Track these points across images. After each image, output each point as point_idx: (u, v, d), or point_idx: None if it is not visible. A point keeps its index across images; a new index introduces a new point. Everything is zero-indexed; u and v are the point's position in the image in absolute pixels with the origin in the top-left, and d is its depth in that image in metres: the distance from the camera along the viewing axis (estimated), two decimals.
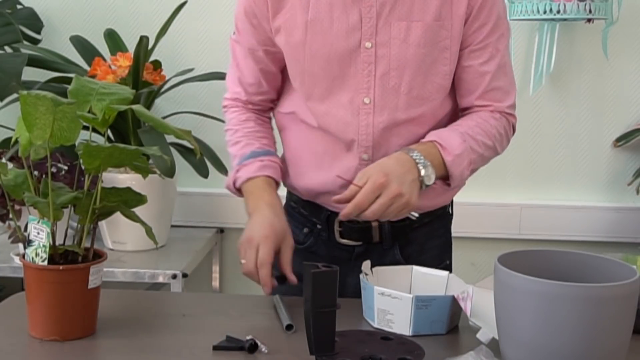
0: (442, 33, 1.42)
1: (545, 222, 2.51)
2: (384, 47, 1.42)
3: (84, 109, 1.22)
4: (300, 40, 1.45)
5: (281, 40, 1.47)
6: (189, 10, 2.39)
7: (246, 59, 1.55)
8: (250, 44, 1.52)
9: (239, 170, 1.52)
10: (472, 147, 1.42)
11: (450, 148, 1.39)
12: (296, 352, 1.20)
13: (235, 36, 1.56)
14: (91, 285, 1.24)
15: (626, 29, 2.44)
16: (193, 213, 2.55)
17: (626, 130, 2.49)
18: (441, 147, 1.40)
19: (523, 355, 1.07)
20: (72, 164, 2.01)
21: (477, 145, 1.43)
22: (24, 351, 1.22)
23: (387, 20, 1.41)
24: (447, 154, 1.39)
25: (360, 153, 1.47)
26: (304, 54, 1.45)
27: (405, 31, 1.41)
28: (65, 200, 1.23)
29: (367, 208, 1.31)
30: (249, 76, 1.56)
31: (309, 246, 1.60)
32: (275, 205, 1.47)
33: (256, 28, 1.50)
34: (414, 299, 1.27)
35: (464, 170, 1.41)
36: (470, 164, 1.42)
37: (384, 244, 1.56)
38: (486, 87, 1.47)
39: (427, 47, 1.42)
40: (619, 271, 1.11)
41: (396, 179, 1.32)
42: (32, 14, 2.49)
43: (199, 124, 2.48)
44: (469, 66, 1.46)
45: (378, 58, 1.42)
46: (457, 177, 1.41)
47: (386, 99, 1.44)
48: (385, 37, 1.42)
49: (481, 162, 1.47)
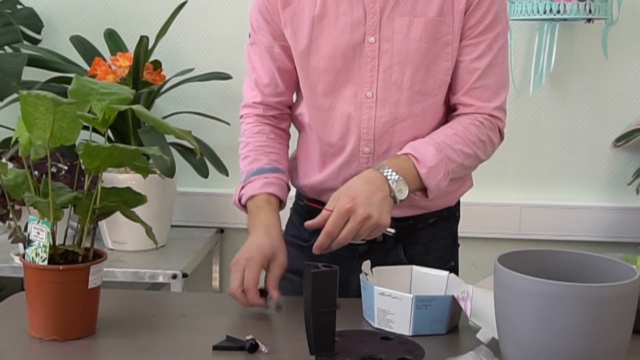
0: (443, 29, 1.43)
1: (545, 222, 2.51)
2: (387, 42, 1.44)
3: (84, 109, 1.22)
4: (306, 35, 1.47)
5: (288, 33, 1.49)
6: (189, 10, 2.39)
7: (262, 60, 1.55)
8: (266, 41, 1.53)
9: (243, 187, 1.52)
10: (450, 157, 1.41)
11: (424, 160, 1.38)
12: (296, 352, 1.20)
13: (251, 39, 1.57)
14: (91, 285, 1.24)
15: (626, 29, 2.44)
16: (193, 213, 2.55)
17: (626, 130, 2.49)
18: (415, 159, 1.38)
19: (523, 355, 1.07)
20: (72, 164, 2.01)
21: (456, 154, 1.42)
22: (24, 351, 1.22)
23: (390, 16, 1.43)
24: (422, 166, 1.38)
25: (362, 146, 1.48)
26: (310, 48, 1.47)
27: (407, 26, 1.43)
28: (65, 200, 1.23)
29: (337, 235, 1.32)
30: (265, 77, 1.56)
31: (313, 243, 1.59)
32: (270, 225, 1.46)
33: (270, 24, 1.51)
34: (414, 299, 1.27)
35: (441, 181, 1.40)
36: (447, 174, 1.41)
37: (388, 244, 1.56)
38: (473, 83, 1.46)
39: (428, 42, 1.43)
40: (619, 271, 1.11)
41: (363, 200, 1.31)
42: (32, 14, 2.49)
43: (199, 124, 2.48)
44: (460, 61, 1.47)
45: (381, 53, 1.44)
46: (433, 189, 1.40)
47: (388, 93, 1.45)
48: (389, 32, 1.43)
49: (462, 170, 1.46)
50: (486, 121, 1.47)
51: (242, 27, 2.48)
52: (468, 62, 1.46)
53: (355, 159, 1.50)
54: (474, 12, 1.44)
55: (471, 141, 1.45)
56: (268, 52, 1.54)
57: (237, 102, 1.65)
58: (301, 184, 1.62)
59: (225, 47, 2.53)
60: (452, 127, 1.46)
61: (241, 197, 1.52)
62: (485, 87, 1.47)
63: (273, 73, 1.55)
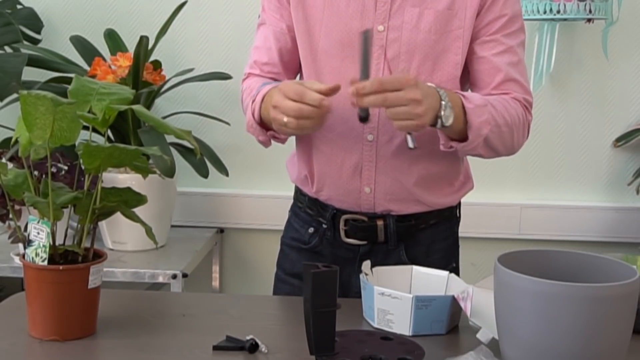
0: (454, 22, 1.45)
1: (545, 222, 2.51)
2: (396, 31, 1.45)
3: (84, 109, 1.22)
4: (318, 18, 1.48)
5: (299, 16, 1.49)
6: (189, 10, 2.39)
7: (266, 40, 1.55)
8: (274, 21, 1.53)
9: (254, 100, 1.46)
10: (492, 113, 1.41)
11: (471, 99, 1.40)
12: (296, 352, 1.20)
13: (260, 19, 1.57)
14: (91, 285, 1.24)
15: (626, 29, 2.44)
16: (193, 213, 2.55)
17: (626, 130, 2.49)
18: (463, 97, 1.40)
19: (523, 355, 1.07)
20: (72, 164, 2.01)
21: (497, 114, 1.42)
22: (24, 351, 1.22)
23: (401, 6, 1.45)
24: (469, 102, 1.38)
25: (365, 134, 1.48)
26: (319, 31, 1.48)
27: (417, 17, 1.44)
28: (65, 200, 1.23)
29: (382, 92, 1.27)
30: (264, 55, 1.55)
31: (314, 246, 1.60)
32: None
33: (281, 4, 1.52)
34: (414, 299, 1.27)
35: (483, 125, 1.38)
36: (488, 123, 1.39)
37: (389, 244, 1.56)
38: (504, 77, 1.47)
39: (437, 34, 1.44)
40: (619, 271, 1.11)
41: (424, 90, 1.30)
42: (32, 14, 2.49)
43: (199, 124, 2.48)
44: (483, 57, 1.48)
45: (389, 41, 1.45)
46: (475, 129, 1.38)
47: None
48: (398, 22, 1.45)
49: (498, 136, 1.43)
50: (522, 106, 1.49)
51: (242, 27, 2.50)
52: (491, 57, 1.47)
53: (358, 147, 1.49)
54: (490, 9, 1.45)
55: (511, 112, 1.45)
56: (273, 31, 1.54)
57: (237, 102, 1.65)
58: (302, 177, 1.59)
59: (225, 47, 2.53)
60: (494, 96, 1.46)
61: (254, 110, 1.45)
62: (515, 80, 1.48)
63: (273, 53, 1.55)
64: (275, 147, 1.57)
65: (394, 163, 1.49)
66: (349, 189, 1.52)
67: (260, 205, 2.53)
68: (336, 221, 1.56)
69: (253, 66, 1.58)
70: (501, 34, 1.47)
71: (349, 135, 1.49)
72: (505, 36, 1.47)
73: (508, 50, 1.47)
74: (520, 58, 1.50)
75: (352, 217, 1.54)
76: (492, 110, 1.41)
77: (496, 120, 1.41)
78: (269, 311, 1.41)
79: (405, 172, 1.50)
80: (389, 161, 1.49)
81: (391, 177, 1.50)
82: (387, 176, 1.50)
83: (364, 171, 1.50)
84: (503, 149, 1.47)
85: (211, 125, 2.46)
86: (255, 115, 1.46)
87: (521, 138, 1.51)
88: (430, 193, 1.54)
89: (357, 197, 1.52)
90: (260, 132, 1.48)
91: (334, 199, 1.55)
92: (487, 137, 1.41)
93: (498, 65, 1.47)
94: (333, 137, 1.51)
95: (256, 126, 1.47)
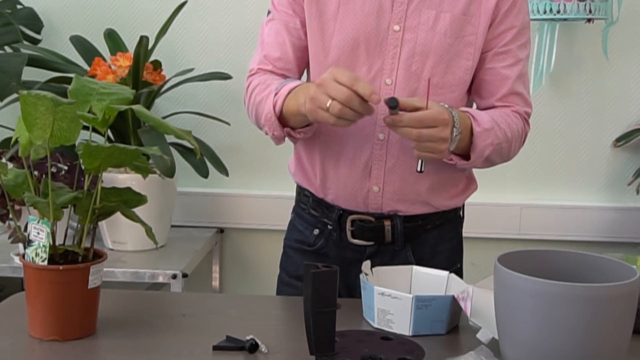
0: (468, 28, 1.46)
1: (545, 222, 2.51)
2: (411, 32, 1.46)
3: (84, 109, 1.22)
4: (332, 15, 1.48)
5: (313, 12, 1.49)
6: (189, 10, 2.39)
7: (277, 35, 1.53)
8: (286, 16, 1.52)
9: (278, 93, 1.44)
10: (497, 134, 1.45)
11: (480, 121, 1.43)
12: (296, 352, 1.20)
13: (270, 15, 1.56)
14: (91, 285, 1.24)
15: (626, 29, 2.44)
16: (193, 213, 2.55)
17: (626, 130, 2.49)
18: (473, 118, 1.43)
19: (523, 355, 1.07)
20: (72, 164, 2.01)
21: (501, 132, 1.46)
22: (24, 351, 1.22)
23: (417, 7, 1.46)
24: (477, 125, 1.42)
25: (376, 132, 1.48)
26: (333, 28, 1.48)
27: (433, 19, 1.45)
28: (65, 200, 1.23)
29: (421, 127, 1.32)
30: (276, 50, 1.53)
31: (319, 248, 1.59)
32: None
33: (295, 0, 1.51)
34: (414, 299, 1.27)
35: (487, 147, 1.44)
36: (492, 145, 1.44)
37: (396, 245, 1.56)
38: (508, 90, 1.50)
39: (452, 37, 1.46)
40: (619, 271, 1.11)
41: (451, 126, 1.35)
42: (32, 14, 2.49)
43: (199, 124, 2.48)
44: (492, 68, 1.50)
45: (404, 42, 1.46)
46: (479, 151, 1.43)
47: (407, 82, 1.46)
48: (414, 23, 1.46)
49: (498, 153, 1.48)
50: (521, 119, 1.53)
51: (242, 27, 2.50)
52: (500, 69, 1.50)
53: (368, 145, 1.49)
54: (503, 19, 1.48)
55: (513, 128, 1.49)
56: (285, 26, 1.52)
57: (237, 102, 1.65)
58: (309, 178, 1.58)
59: (225, 47, 2.53)
60: (497, 111, 1.50)
61: (276, 102, 1.43)
62: (519, 93, 1.53)
63: (286, 48, 1.53)
64: (275, 147, 1.57)
65: (404, 162, 1.50)
66: (357, 188, 1.52)
67: (260, 205, 2.53)
68: (342, 222, 1.56)
69: (264, 61, 1.55)
70: (511, 46, 1.49)
71: (360, 133, 1.49)
72: (513, 48, 1.50)
73: (517, 64, 1.50)
74: (526, 70, 1.54)
75: (358, 218, 1.54)
76: (497, 131, 1.45)
77: (499, 139, 1.45)
78: (269, 311, 1.41)
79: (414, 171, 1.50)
80: (399, 160, 1.50)
81: (400, 176, 1.51)
82: (396, 175, 1.50)
83: (373, 170, 1.50)
84: (500, 161, 1.53)
85: (211, 125, 2.46)
86: (277, 108, 1.43)
87: (517, 149, 1.55)
88: (437, 194, 1.54)
89: (364, 197, 1.52)
90: (278, 126, 1.45)
91: (341, 198, 1.54)
92: (488, 155, 1.46)
93: (505, 78, 1.50)
94: (344, 135, 1.50)
95: (274, 120, 1.44)
